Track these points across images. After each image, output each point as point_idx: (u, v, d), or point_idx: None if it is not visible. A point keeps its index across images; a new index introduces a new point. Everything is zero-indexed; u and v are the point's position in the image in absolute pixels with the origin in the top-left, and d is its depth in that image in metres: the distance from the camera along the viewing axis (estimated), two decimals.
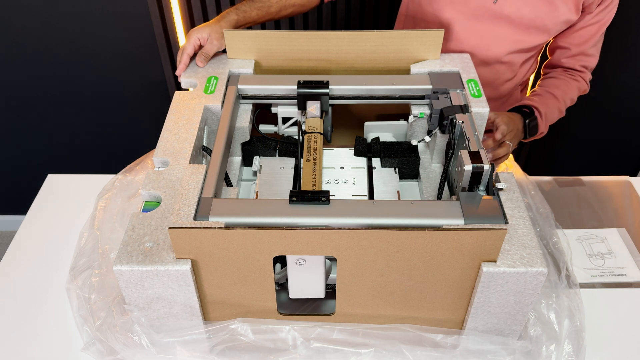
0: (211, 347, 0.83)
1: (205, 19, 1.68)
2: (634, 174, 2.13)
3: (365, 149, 1.05)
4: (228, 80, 1.07)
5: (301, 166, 0.94)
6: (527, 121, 1.20)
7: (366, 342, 0.82)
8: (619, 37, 1.72)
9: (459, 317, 0.82)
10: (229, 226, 0.75)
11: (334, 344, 0.83)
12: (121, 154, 1.97)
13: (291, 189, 0.97)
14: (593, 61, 1.32)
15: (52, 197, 1.19)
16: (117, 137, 2.00)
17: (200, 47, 1.11)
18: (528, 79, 1.44)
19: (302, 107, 1.06)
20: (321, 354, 0.84)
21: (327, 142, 1.11)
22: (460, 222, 0.78)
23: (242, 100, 1.08)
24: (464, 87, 1.04)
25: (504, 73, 1.30)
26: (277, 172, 1.01)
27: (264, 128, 1.11)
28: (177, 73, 1.10)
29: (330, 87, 1.04)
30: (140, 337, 0.81)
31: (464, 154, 0.86)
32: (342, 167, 1.02)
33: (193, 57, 1.11)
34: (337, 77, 1.07)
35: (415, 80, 1.07)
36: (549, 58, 1.35)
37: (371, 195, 0.96)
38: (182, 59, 1.09)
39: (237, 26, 1.17)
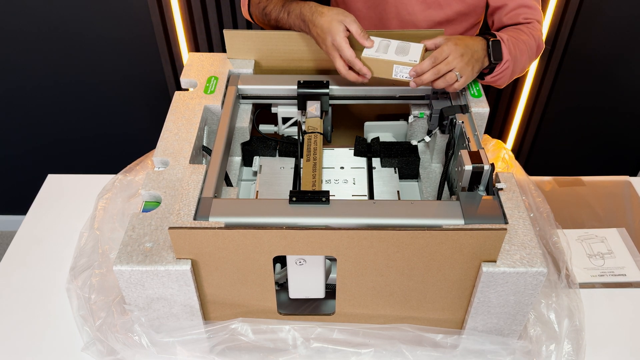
0: (211, 347, 0.83)
1: (205, 18, 1.68)
2: (634, 174, 2.13)
3: (365, 149, 1.05)
4: (228, 80, 1.07)
5: (301, 166, 0.94)
6: (490, 41, 1.02)
7: (366, 342, 0.82)
8: (620, 37, 1.72)
9: (459, 317, 0.82)
10: (229, 226, 0.75)
11: (334, 344, 0.83)
12: (121, 154, 1.97)
13: (291, 189, 0.97)
14: (537, 14, 1.17)
15: (52, 197, 1.19)
16: (117, 137, 2.00)
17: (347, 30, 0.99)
18: None
19: (302, 107, 1.06)
20: (321, 354, 0.84)
21: (327, 142, 1.11)
22: (460, 222, 0.78)
23: (242, 100, 1.08)
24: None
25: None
26: (277, 172, 1.01)
27: (264, 128, 1.11)
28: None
29: (330, 87, 1.04)
30: (141, 337, 0.81)
31: (464, 154, 0.86)
32: (342, 167, 1.02)
33: None
34: (337, 77, 1.07)
35: None
36: (492, 27, 1.23)
37: (371, 195, 0.96)
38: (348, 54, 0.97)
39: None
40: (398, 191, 0.98)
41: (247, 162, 1.08)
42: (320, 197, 0.79)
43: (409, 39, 1.06)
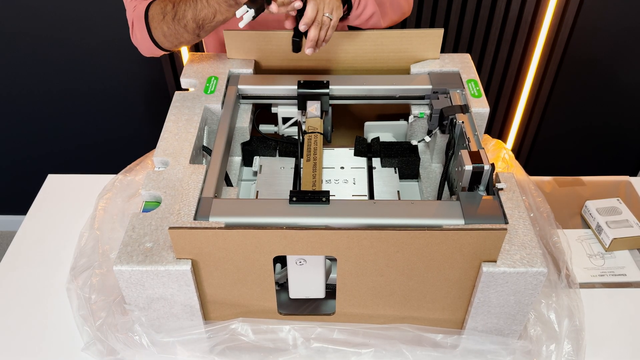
0: (211, 347, 0.83)
1: None
2: (634, 174, 2.13)
3: (365, 149, 1.05)
4: (228, 81, 1.07)
5: (301, 166, 0.94)
6: None
7: (366, 342, 0.82)
8: (619, 38, 1.72)
9: (459, 317, 0.82)
10: (229, 226, 0.75)
11: (334, 344, 0.83)
12: (121, 154, 1.97)
13: (291, 189, 0.97)
14: None
15: (52, 197, 1.19)
16: (117, 137, 2.00)
17: None
18: None
19: (302, 107, 1.06)
20: (321, 354, 0.84)
21: (327, 142, 1.11)
22: (460, 222, 0.78)
23: (242, 100, 1.08)
24: (464, 87, 1.04)
25: None
26: (277, 172, 1.01)
27: (264, 128, 1.11)
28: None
29: (330, 87, 1.04)
30: (141, 337, 0.81)
31: (464, 154, 0.86)
32: (342, 167, 1.02)
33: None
34: (337, 77, 1.07)
35: (415, 80, 1.07)
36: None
37: (371, 195, 0.96)
38: None
39: None
40: (398, 191, 0.98)
41: (247, 162, 1.08)
42: (320, 197, 0.80)
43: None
